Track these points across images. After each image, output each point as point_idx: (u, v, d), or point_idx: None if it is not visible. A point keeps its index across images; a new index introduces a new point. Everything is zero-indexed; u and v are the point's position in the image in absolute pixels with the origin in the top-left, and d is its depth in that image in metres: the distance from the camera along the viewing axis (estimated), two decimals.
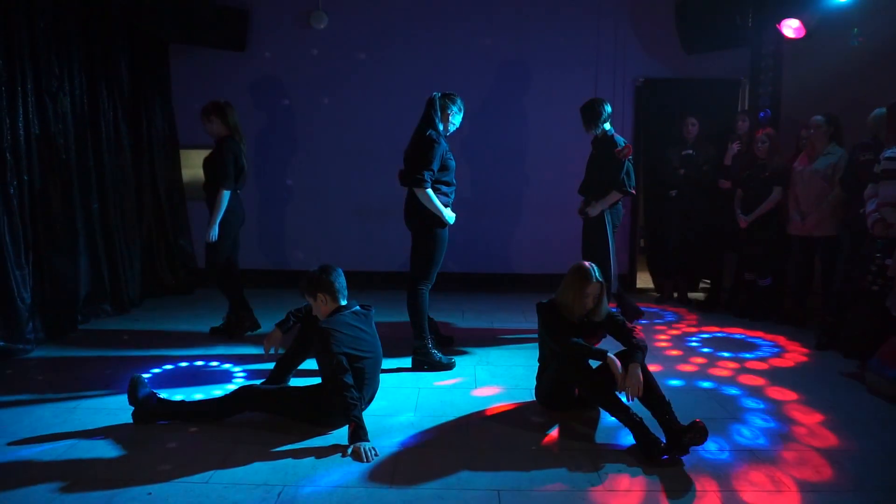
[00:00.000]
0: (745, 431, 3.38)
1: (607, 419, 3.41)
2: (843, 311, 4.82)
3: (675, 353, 4.71)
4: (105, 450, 3.08)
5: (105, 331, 5.18)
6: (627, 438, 3.19)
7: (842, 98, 5.43)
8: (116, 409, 3.53)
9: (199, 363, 4.40)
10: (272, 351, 3.70)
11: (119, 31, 5.81)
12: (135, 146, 6.17)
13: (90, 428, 3.32)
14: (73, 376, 4.09)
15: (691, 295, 6.45)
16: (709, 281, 6.58)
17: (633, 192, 5.06)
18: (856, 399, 3.87)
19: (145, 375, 3.98)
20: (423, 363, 4.30)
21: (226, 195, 4.72)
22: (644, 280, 7.01)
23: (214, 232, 4.73)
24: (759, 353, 4.72)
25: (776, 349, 4.82)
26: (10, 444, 3.13)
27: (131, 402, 3.38)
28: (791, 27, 5.48)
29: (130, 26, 5.87)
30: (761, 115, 6.09)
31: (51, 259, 4.91)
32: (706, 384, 4.08)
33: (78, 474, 2.84)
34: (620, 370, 3.20)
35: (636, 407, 3.20)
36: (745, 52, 6.47)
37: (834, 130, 5.03)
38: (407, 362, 4.36)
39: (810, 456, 3.11)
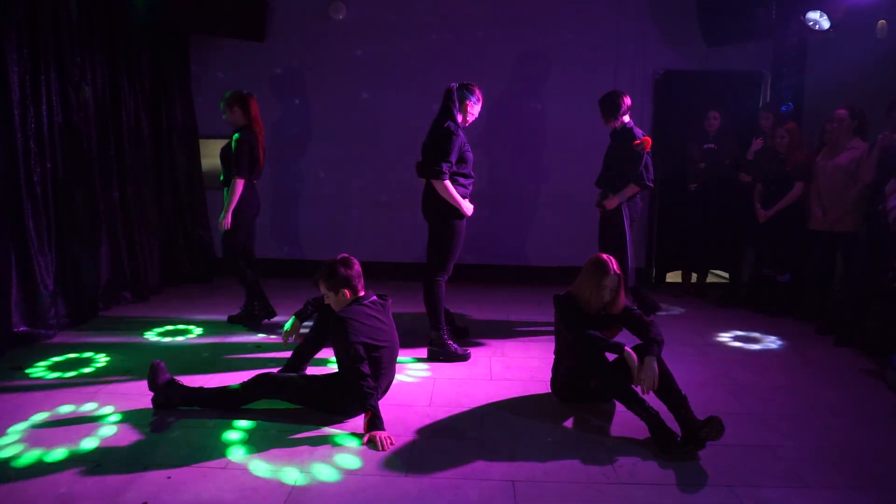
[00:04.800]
0: (762, 427, 3.35)
1: (623, 412, 3.40)
2: (863, 307, 4.77)
3: (691, 347, 4.68)
4: (125, 434, 3.13)
5: (125, 317, 5.25)
6: (643, 432, 3.18)
7: (867, 91, 5.34)
8: (136, 394, 3.59)
9: (218, 350, 4.44)
10: (290, 339, 3.72)
11: (140, 21, 5.85)
12: (155, 136, 6.23)
13: (111, 412, 3.37)
14: (94, 362, 4.15)
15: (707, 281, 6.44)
16: (727, 275, 6.54)
17: (651, 185, 5.03)
18: (875, 396, 3.83)
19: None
20: (439, 354, 4.31)
21: (239, 184, 4.75)
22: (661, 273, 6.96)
23: (227, 220, 4.77)
24: (777, 349, 4.68)
25: (794, 345, 4.78)
26: (32, 427, 3.19)
27: (151, 388, 3.43)
28: (816, 18, 5.39)
29: (151, 17, 5.90)
30: (783, 108, 6.01)
31: (73, 246, 4.98)
32: (723, 379, 4.05)
33: (98, 458, 2.90)
34: (636, 363, 3.19)
35: (652, 401, 3.19)
36: (767, 44, 6.38)
37: (858, 124, 4.96)
38: (423, 353, 4.37)
39: (828, 452, 3.09)
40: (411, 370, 4.12)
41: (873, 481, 2.84)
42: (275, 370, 3.69)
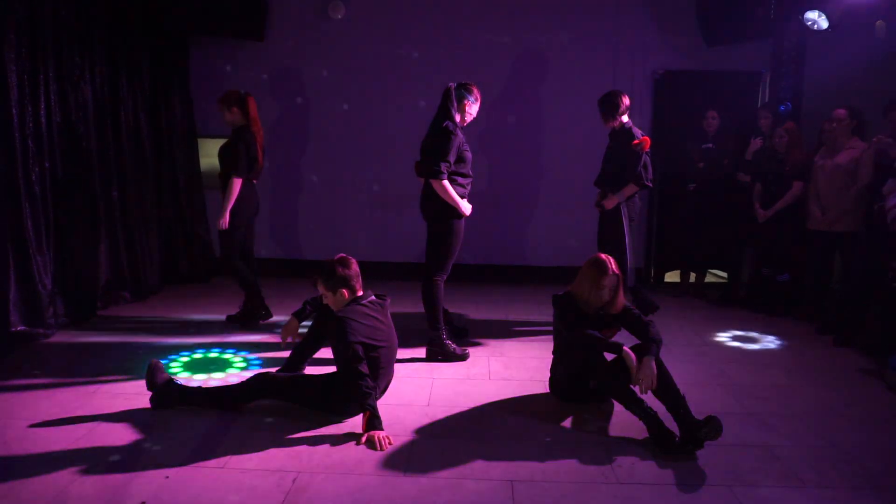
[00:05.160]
0: (761, 427, 3.35)
1: (622, 412, 3.39)
2: (863, 307, 4.77)
3: (690, 347, 4.68)
4: (123, 434, 3.13)
5: (124, 317, 5.25)
6: (641, 431, 3.18)
7: (866, 91, 5.34)
8: (135, 393, 3.58)
9: (216, 350, 4.44)
10: (289, 339, 3.72)
11: (140, 20, 5.85)
12: (154, 135, 6.22)
13: (109, 412, 3.37)
14: (93, 361, 4.15)
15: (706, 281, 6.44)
16: (725, 275, 6.53)
17: (651, 185, 5.02)
18: (874, 396, 3.83)
19: (163, 361, 4.02)
20: (438, 354, 4.31)
21: (237, 183, 4.75)
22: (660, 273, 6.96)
23: (225, 219, 4.77)
24: (776, 349, 4.68)
25: (793, 345, 4.78)
26: (30, 426, 3.18)
27: (149, 388, 3.43)
28: (814, 18, 5.39)
29: (151, 16, 5.91)
30: (781, 108, 6.01)
31: (71, 245, 4.98)
32: (722, 378, 4.05)
33: (96, 457, 2.89)
34: (635, 363, 3.19)
35: (651, 400, 3.19)
36: (766, 44, 6.38)
37: (857, 124, 4.96)
38: (422, 353, 4.37)
39: (827, 452, 3.09)
40: (410, 370, 4.11)
41: (872, 481, 2.84)
42: (273, 370, 3.69)
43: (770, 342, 4.84)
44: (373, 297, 3.50)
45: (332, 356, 3.48)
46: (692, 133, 6.17)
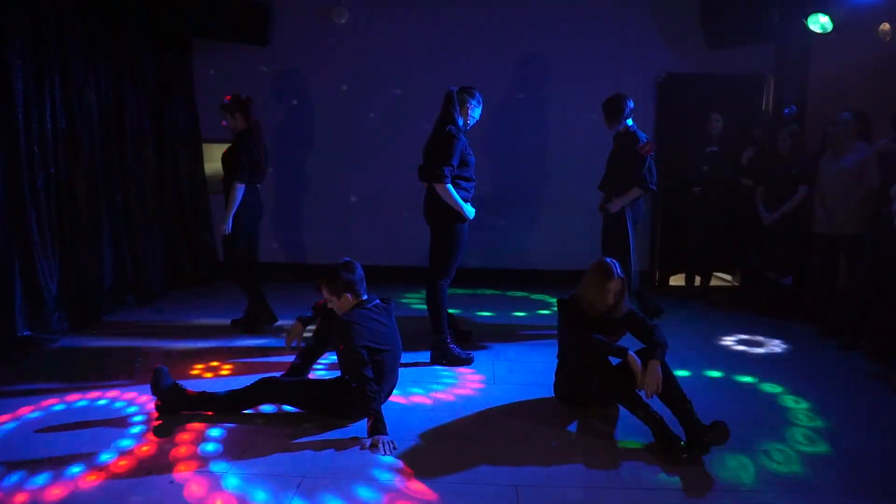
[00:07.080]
0: (767, 431, 3.33)
1: (627, 416, 3.38)
2: (868, 310, 4.75)
3: (695, 351, 4.67)
4: (128, 439, 3.13)
5: (128, 322, 5.26)
6: (647, 436, 3.17)
7: (870, 93, 5.32)
8: (139, 399, 3.58)
9: (221, 355, 4.44)
10: (293, 343, 3.72)
11: (143, 26, 5.87)
12: (158, 140, 6.24)
13: (113, 417, 3.37)
14: (98, 366, 4.15)
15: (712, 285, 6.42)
16: (730, 278, 6.52)
17: (655, 188, 5.02)
18: (880, 400, 3.82)
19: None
20: (442, 358, 4.31)
21: (239, 189, 4.76)
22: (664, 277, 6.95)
23: (228, 225, 4.78)
24: (781, 352, 4.66)
25: (798, 348, 4.76)
26: (35, 431, 3.19)
27: (154, 393, 3.42)
28: (818, 21, 5.38)
29: (154, 22, 5.93)
30: (786, 111, 6.00)
31: (76, 251, 4.99)
32: (727, 383, 4.04)
33: (101, 462, 2.89)
34: (640, 367, 3.18)
35: (656, 405, 3.18)
36: (770, 47, 6.37)
37: (862, 127, 4.94)
38: (426, 357, 4.36)
39: (834, 457, 3.07)
40: (414, 374, 4.10)
41: (879, 487, 2.82)
42: (278, 374, 3.69)
43: (775, 346, 4.82)
44: (377, 301, 3.50)
45: (336, 360, 3.48)
46: (696, 136, 6.16)
